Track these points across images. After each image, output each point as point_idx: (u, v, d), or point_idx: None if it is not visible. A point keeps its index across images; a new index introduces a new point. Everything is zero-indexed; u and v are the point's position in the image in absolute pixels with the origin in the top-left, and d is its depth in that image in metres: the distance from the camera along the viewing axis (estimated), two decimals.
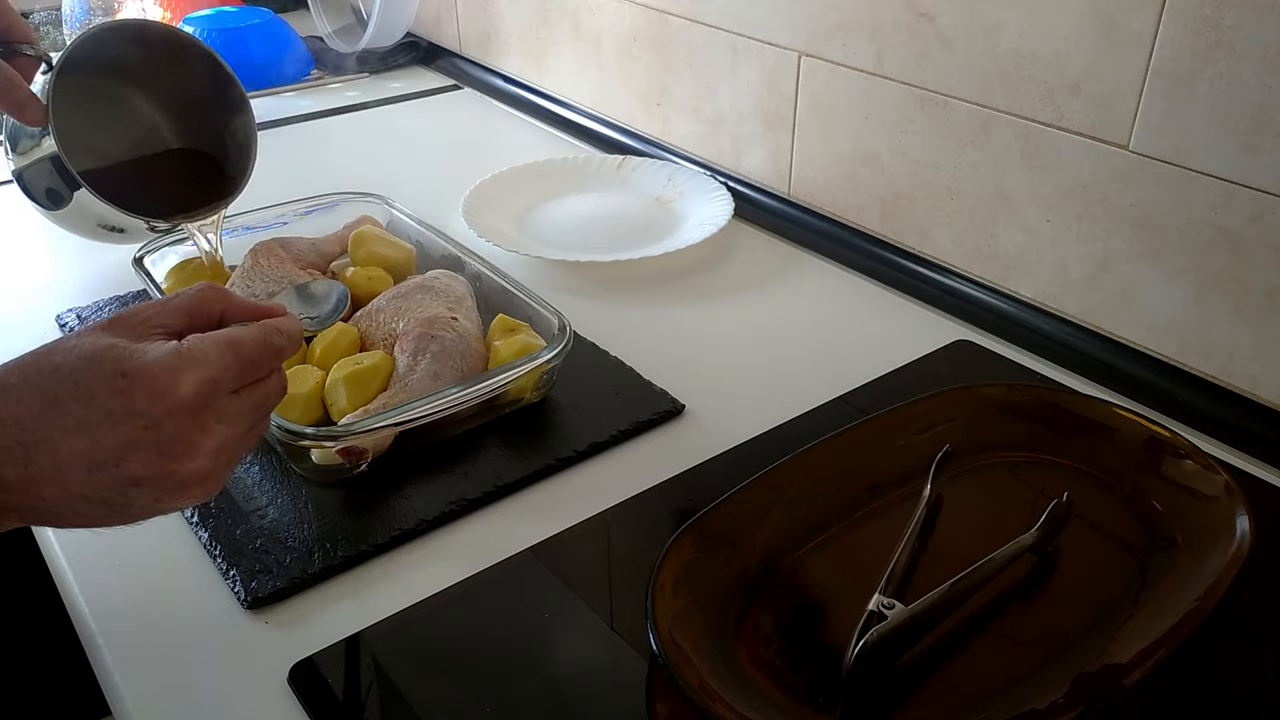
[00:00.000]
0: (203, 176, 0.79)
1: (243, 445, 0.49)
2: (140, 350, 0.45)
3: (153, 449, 0.44)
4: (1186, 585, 0.54)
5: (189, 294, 0.50)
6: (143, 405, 0.44)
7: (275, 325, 0.50)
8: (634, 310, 0.88)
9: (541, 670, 0.54)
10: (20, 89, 0.66)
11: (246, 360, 0.48)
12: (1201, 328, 0.72)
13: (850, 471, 0.63)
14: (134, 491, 0.45)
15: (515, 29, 1.31)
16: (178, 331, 0.48)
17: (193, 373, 0.45)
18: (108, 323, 0.47)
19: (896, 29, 0.83)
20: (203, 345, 0.46)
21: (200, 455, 0.46)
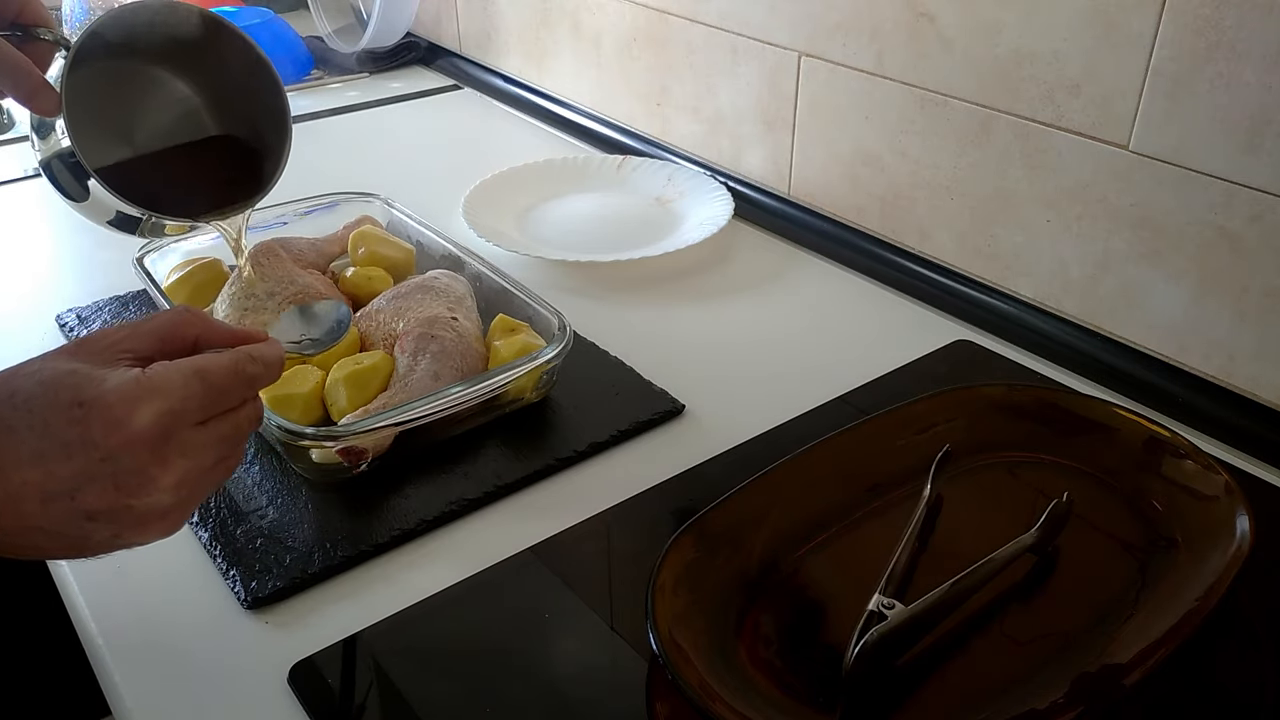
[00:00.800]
0: (233, 168, 0.74)
1: (209, 479, 0.46)
2: (101, 377, 0.43)
3: (108, 482, 0.42)
4: (1186, 585, 0.54)
5: (162, 317, 0.48)
6: (98, 436, 0.42)
7: (250, 352, 0.48)
8: (634, 310, 0.88)
9: (541, 670, 0.54)
10: (32, 76, 0.61)
11: (214, 389, 0.45)
12: (1201, 328, 0.72)
13: (850, 471, 0.63)
14: (90, 525, 0.43)
15: (515, 29, 1.31)
16: (147, 357, 0.46)
17: (152, 403, 0.43)
18: (74, 346, 0.45)
19: (896, 29, 0.84)
20: (166, 373, 0.44)
21: (159, 490, 0.43)
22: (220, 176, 0.73)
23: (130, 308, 0.86)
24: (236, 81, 0.72)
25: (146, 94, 0.71)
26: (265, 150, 0.73)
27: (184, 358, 0.46)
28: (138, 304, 0.86)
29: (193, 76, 0.73)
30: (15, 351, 0.82)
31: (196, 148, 0.73)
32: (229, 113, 0.73)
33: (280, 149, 0.72)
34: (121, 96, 0.71)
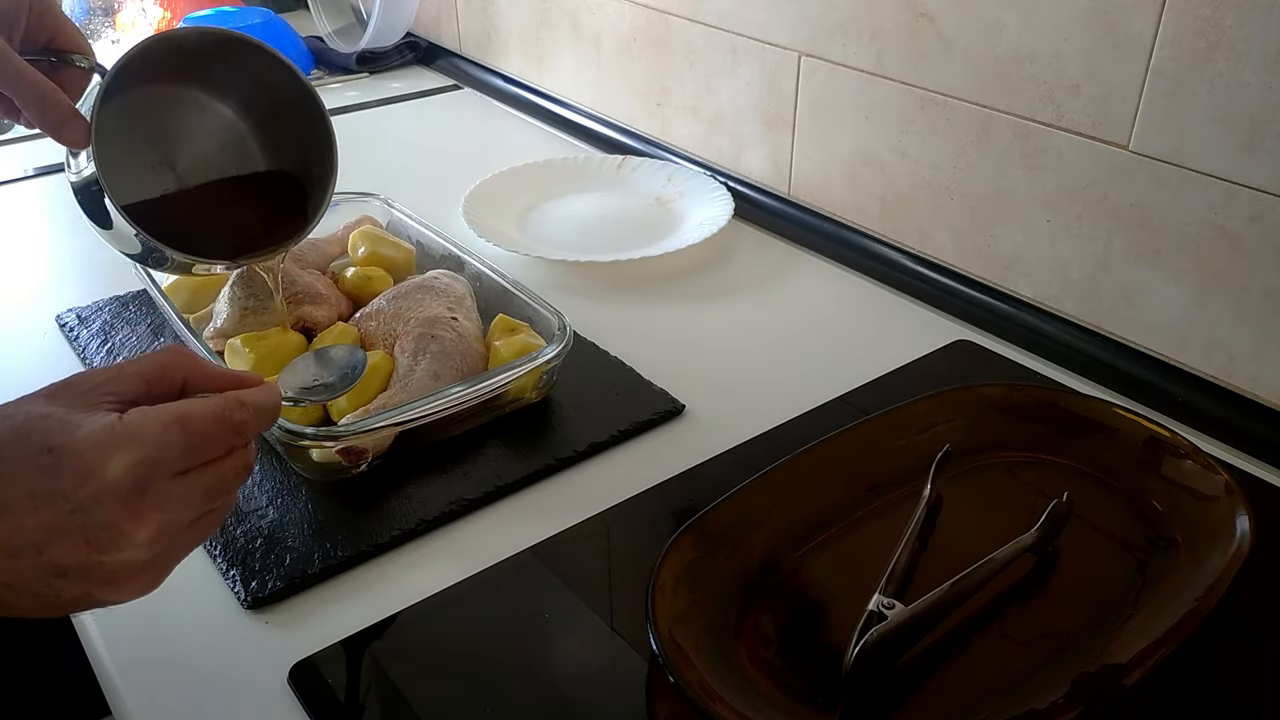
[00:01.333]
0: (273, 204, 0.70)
1: (191, 534, 0.43)
2: (74, 424, 0.40)
3: (78, 536, 0.39)
4: (1186, 585, 0.54)
5: (149, 358, 0.45)
6: (68, 487, 0.39)
7: (240, 398, 0.45)
8: (634, 310, 0.88)
9: (541, 670, 0.54)
10: (60, 106, 0.58)
11: (196, 438, 0.42)
12: (1201, 328, 0.72)
13: (850, 471, 0.63)
14: (60, 582, 0.40)
15: (515, 29, 1.31)
16: (131, 400, 0.43)
17: (126, 453, 0.40)
18: (55, 389, 0.43)
19: (896, 29, 0.84)
20: (142, 420, 0.41)
21: (132, 546, 0.40)
22: (259, 213, 0.69)
23: (130, 308, 0.86)
24: (280, 111, 0.69)
25: (184, 124, 0.68)
26: (309, 182, 0.69)
27: (167, 402, 0.43)
28: (137, 304, 0.86)
29: (234, 105, 0.69)
30: (15, 351, 0.82)
31: (235, 182, 0.69)
32: (271, 144, 0.70)
33: (325, 181, 0.68)
34: (157, 126, 0.67)
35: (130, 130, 0.65)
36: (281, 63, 0.67)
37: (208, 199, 0.68)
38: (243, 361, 0.70)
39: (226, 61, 0.67)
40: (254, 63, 0.67)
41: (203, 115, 0.69)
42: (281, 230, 0.68)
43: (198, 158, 0.68)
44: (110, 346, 0.80)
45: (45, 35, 0.61)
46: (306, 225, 0.68)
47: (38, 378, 0.78)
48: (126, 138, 0.64)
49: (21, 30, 0.60)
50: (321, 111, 0.68)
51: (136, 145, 0.66)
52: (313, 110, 0.68)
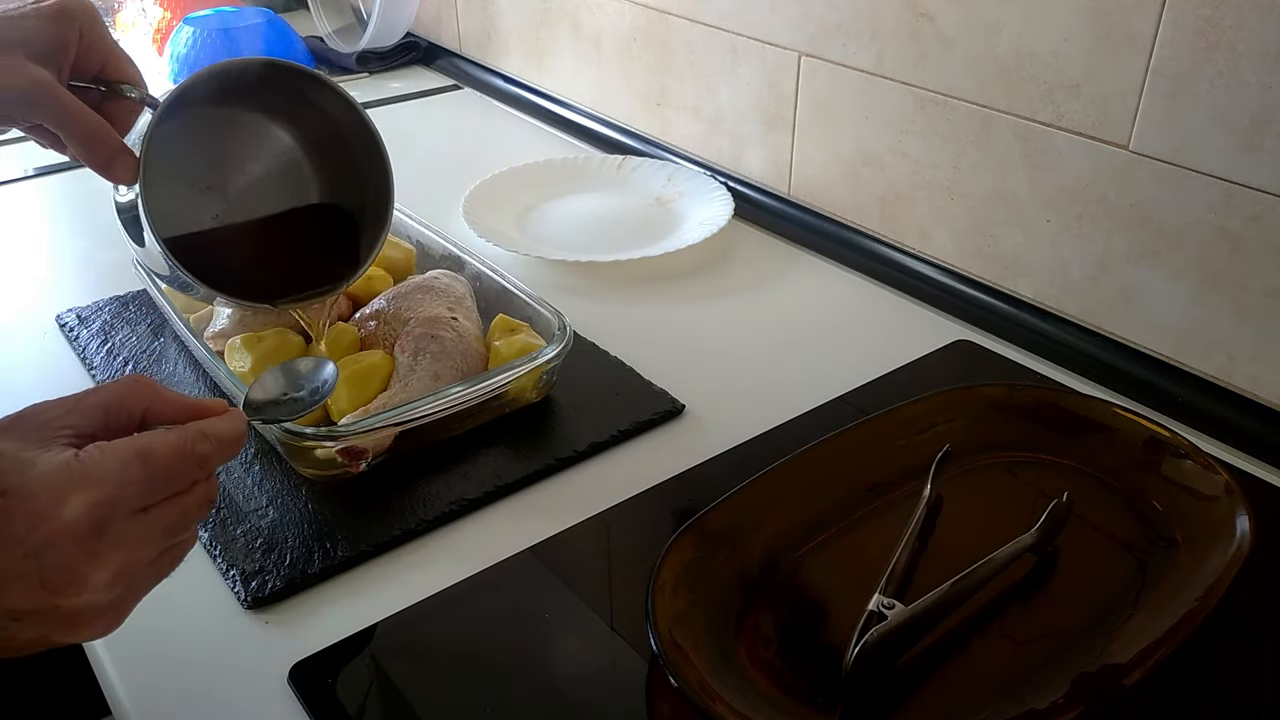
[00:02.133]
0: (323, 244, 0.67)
1: (152, 572, 0.42)
2: (28, 462, 0.38)
3: (33, 580, 0.38)
4: (1186, 585, 0.54)
5: (107, 389, 0.43)
6: (21, 530, 0.37)
7: (202, 429, 0.43)
8: (634, 310, 0.88)
9: (541, 670, 0.54)
10: (107, 143, 0.56)
11: (158, 473, 0.41)
12: (1201, 328, 0.72)
13: (850, 471, 0.63)
14: (14, 625, 0.38)
15: (515, 29, 1.31)
16: (89, 433, 0.41)
17: (83, 493, 0.38)
18: (8, 423, 0.41)
19: (896, 29, 0.83)
20: (100, 458, 0.39)
21: (90, 589, 0.39)
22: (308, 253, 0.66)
23: (130, 308, 0.85)
24: (337, 145, 0.67)
25: (237, 151, 0.66)
26: (362, 221, 0.67)
27: (125, 437, 0.41)
28: (137, 304, 0.86)
29: (290, 135, 0.67)
30: (15, 351, 0.82)
31: (283, 219, 0.67)
32: (326, 179, 0.68)
33: (380, 220, 0.66)
34: (208, 154, 0.65)
35: (181, 158, 0.62)
36: (340, 95, 0.65)
37: (255, 234, 0.66)
38: (242, 361, 0.70)
39: (284, 91, 0.65)
40: (312, 93, 0.65)
41: (257, 144, 0.67)
42: (332, 272, 0.66)
43: (249, 188, 0.66)
44: (110, 346, 0.80)
45: (96, 66, 0.59)
46: (358, 268, 0.66)
47: (38, 378, 0.79)
48: (176, 166, 0.62)
49: (71, 60, 0.58)
50: (379, 148, 0.66)
51: (186, 173, 0.64)
52: (371, 147, 0.66)
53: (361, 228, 0.68)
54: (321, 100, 0.66)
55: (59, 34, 0.57)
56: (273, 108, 0.66)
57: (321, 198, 0.68)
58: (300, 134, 0.67)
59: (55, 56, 0.57)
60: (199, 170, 0.65)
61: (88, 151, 0.56)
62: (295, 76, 0.64)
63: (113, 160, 0.57)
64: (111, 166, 0.57)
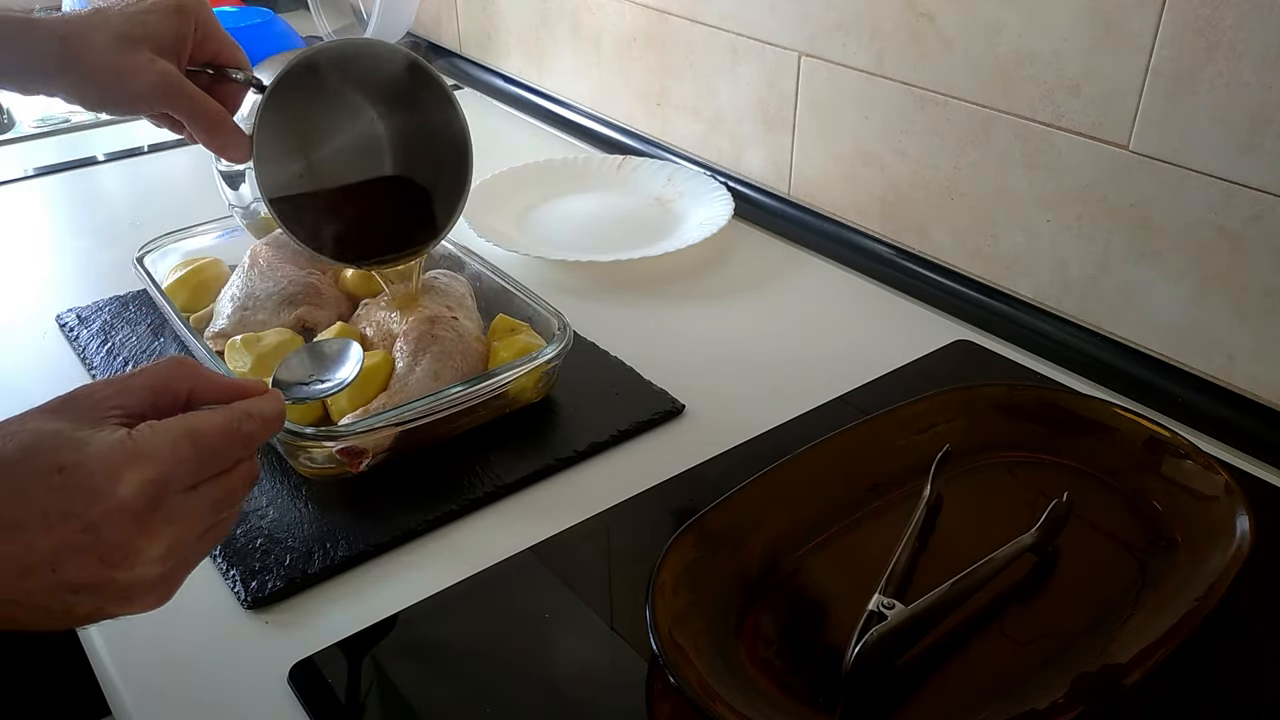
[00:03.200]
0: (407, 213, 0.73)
1: (201, 546, 0.43)
2: (84, 441, 0.40)
3: (91, 554, 0.39)
4: (1186, 585, 0.54)
5: (153, 370, 0.45)
6: (80, 506, 0.39)
7: (247, 409, 0.45)
8: (634, 310, 0.88)
9: (541, 670, 0.54)
10: (226, 128, 0.63)
11: (207, 451, 0.42)
12: (1201, 328, 0.72)
13: (850, 471, 0.63)
14: (73, 598, 0.40)
15: (515, 29, 1.31)
16: (138, 413, 0.43)
17: (138, 470, 0.40)
18: (60, 403, 0.42)
19: (896, 29, 0.83)
20: (153, 438, 0.41)
21: (144, 563, 0.40)
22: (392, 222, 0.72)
23: (130, 308, 0.86)
24: (426, 125, 0.71)
25: (334, 130, 0.71)
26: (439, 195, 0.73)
27: (174, 416, 0.43)
28: (138, 304, 0.86)
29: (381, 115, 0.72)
30: (15, 351, 0.82)
31: (375, 188, 0.73)
32: (413, 155, 0.73)
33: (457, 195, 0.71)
34: (309, 132, 0.70)
35: (285, 135, 0.68)
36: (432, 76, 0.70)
37: (346, 201, 0.71)
38: (242, 361, 0.70)
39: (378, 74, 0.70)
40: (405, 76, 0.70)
41: (352, 123, 0.72)
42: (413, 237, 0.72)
43: (341, 163, 0.72)
44: (110, 346, 0.80)
45: (208, 55, 0.66)
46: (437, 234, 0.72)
47: (38, 378, 0.79)
48: (280, 142, 0.67)
49: (189, 51, 0.64)
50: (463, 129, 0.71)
51: (289, 150, 0.69)
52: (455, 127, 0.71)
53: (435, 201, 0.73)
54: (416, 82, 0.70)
55: (179, 28, 0.63)
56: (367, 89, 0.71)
57: (399, 170, 0.74)
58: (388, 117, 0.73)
59: (175, 48, 0.64)
60: (301, 136, 0.70)
61: (210, 138, 0.63)
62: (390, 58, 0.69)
63: (230, 143, 0.64)
64: (229, 149, 0.64)
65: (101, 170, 1.16)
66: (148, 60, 0.62)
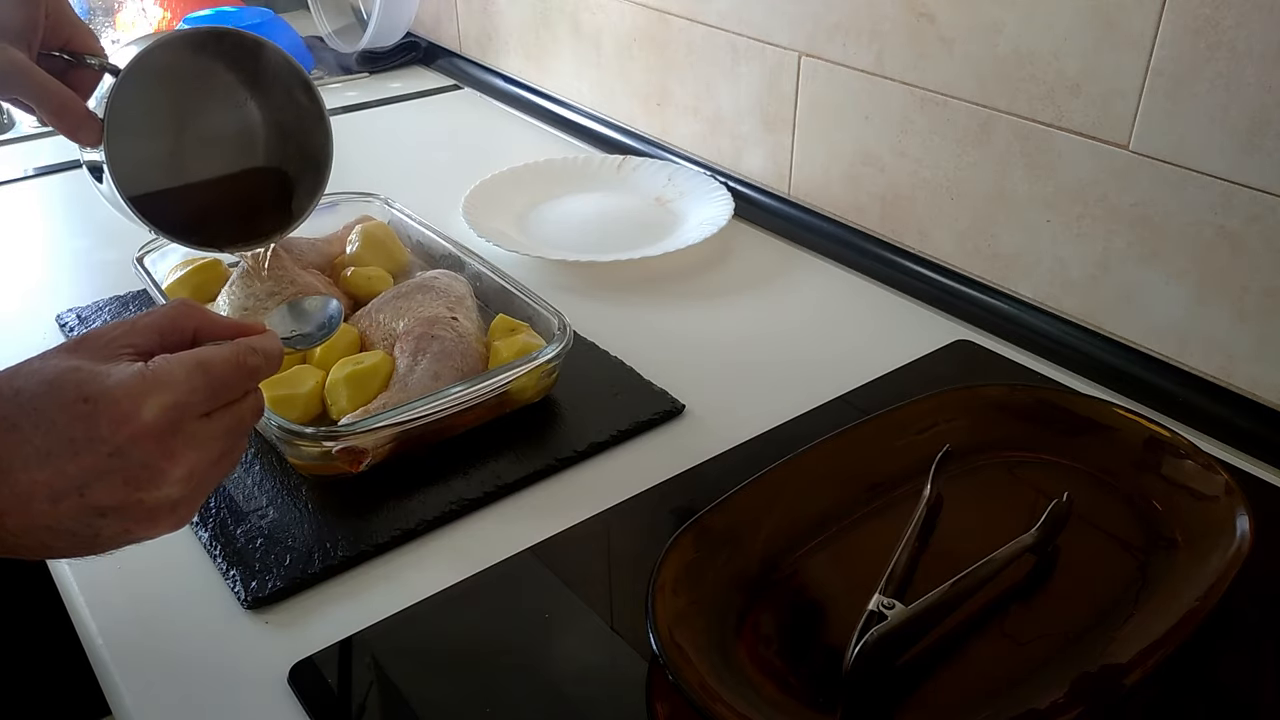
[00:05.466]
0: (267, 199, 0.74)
1: (217, 470, 0.46)
2: (104, 373, 0.43)
3: (117, 477, 0.42)
4: (1186, 585, 0.54)
5: (160, 311, 0.48)
6: (106, 431, 0.42)
7: (250, 344, 0.48)
8: (634, 310, 0.88)
9: (541, 670, 0.54)
10: (75, 111, 0.63)
11: (217, 381, 0.45)
12: (1201, 328, 0.72)
13: (850, 471, 0.63)
14: (100, 522, 0.43)
15: (515, 29, 1.31)
16: (148, 351, 0.45)
17: (158, 396, 0.43)
18: (75, 343, 0.45)
19: (896, 29, 0.83)
20: (169, 367, 0.44)
21: (168, 483, 0.43)
22: (253, 207, 0.73)
23: (130, 308, 0.86)
24: (282, 111, 0.72)
25: (189, 119, 0.72)
26: (300, 183, 0.74)
27: (184, 351, 0.46)
28: (138, 304, 0.86)
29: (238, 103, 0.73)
30: (15, 351, 0.82)
31: (233, 177, 0.74)
32: (271, 143, 0.74)
33: (316, 184, 0.72)
34: (164, 121, 0.71)
35: (140, 123, 0.68)
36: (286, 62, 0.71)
37: (204, 192, 0.72)
38: None
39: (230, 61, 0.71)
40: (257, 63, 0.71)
41: (206, 111, 0.72)
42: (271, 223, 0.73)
43: (198, 153, 0.72)
44: None
45: (61, 40, 0.66)
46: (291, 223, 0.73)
47: None
48: (134, 131, 0.67)
49: (40, 37, 0.64)
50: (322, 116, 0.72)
51: (144, 138, 0.69)
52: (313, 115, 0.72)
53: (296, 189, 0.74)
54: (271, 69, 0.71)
55: (29, 15, 0.63)
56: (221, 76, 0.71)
57: (267, 161, 0.74)
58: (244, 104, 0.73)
59: (26, 35, 0.63)
60: (158, 122, 0.71)
61: (58, 120, 0.63)
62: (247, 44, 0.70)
63: (79, 126, 0.63)
64: (79, 132, 0.63)
65: None
66: None
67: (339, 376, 0.67)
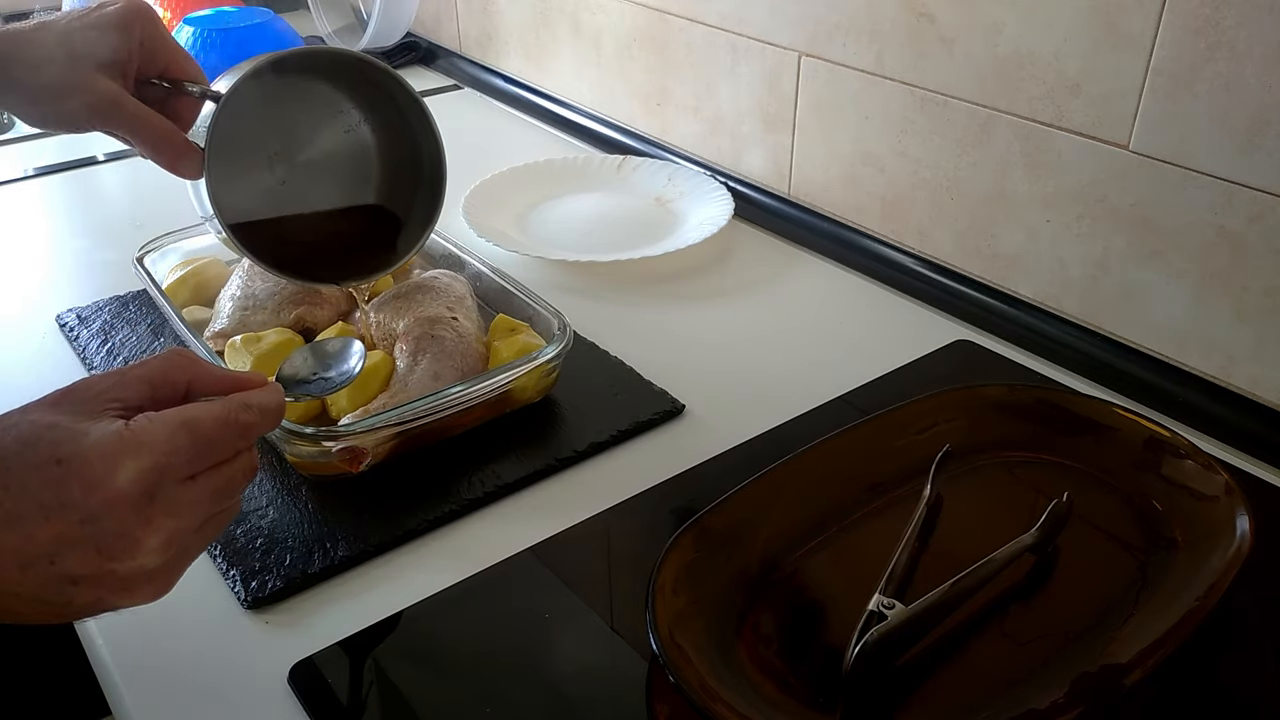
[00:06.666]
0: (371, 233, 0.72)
1: (200, 537, 0.43)
2: (82, 432, 0.40)
3: (89, 546, 0.39)
4: (1186, 585, 0.54)
5: (151, 363, 0.45)
6: (78, 497, 0.39)
7: (245, 400, 0.45)
8: (634, 310, 0.88)
9: (541, 670, 0.54)
10: (174, 141, 0.61)
11: (204, 441, 0.42)
12: (1201, 328, 0.72)
13: (850, 471, 0.63)
14: (72, 590, 0.40)
15: (515, 29, 1.31)
16: (136, 406, 0.43)
17: (135, 460, 0.40)
18: (58, 396, 0.42)
19: (896, 29, 0.83)
20: (149, 427, 0.41)
21: (144, 553, 0.40)
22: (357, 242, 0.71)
23: (130, 307, 0.85)
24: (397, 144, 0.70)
25: (297, 146, 0.69)
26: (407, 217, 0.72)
27: (172, 408, 0.43)
28: (138, 304, 0.86)
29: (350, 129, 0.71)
30: (15, 351, 0.82)
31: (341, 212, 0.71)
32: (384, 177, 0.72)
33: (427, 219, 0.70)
34: (269, 147, 0.68)
35: (241, 149, 0.66)
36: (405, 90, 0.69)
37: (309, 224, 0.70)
38: (242, 361, 0.70)
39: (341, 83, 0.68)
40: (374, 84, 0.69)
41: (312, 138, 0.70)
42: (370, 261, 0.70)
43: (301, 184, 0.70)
44: (110, 347, 0.80)
45: (159, 68, 0.64)
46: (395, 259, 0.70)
47: (38, 378, 0.79)
48: (235, 157, 0.65)
49: (135, 65, 0.62)
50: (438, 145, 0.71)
51: (246, 164, 0.67)
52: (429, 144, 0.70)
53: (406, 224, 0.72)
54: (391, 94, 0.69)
55: (123, 43, 0.61)
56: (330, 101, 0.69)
57: (378, 198, 0.72)
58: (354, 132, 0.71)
59: (121, 64, 0.61)
60: (262, 149, 0.68)
61: (156, 154, 0.61)
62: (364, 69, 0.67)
63: (179, 159, 0.61)
64: (179, 166, 0.61)
65: (101, 170, 1.16)
66: (88, 79, 0.60)
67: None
